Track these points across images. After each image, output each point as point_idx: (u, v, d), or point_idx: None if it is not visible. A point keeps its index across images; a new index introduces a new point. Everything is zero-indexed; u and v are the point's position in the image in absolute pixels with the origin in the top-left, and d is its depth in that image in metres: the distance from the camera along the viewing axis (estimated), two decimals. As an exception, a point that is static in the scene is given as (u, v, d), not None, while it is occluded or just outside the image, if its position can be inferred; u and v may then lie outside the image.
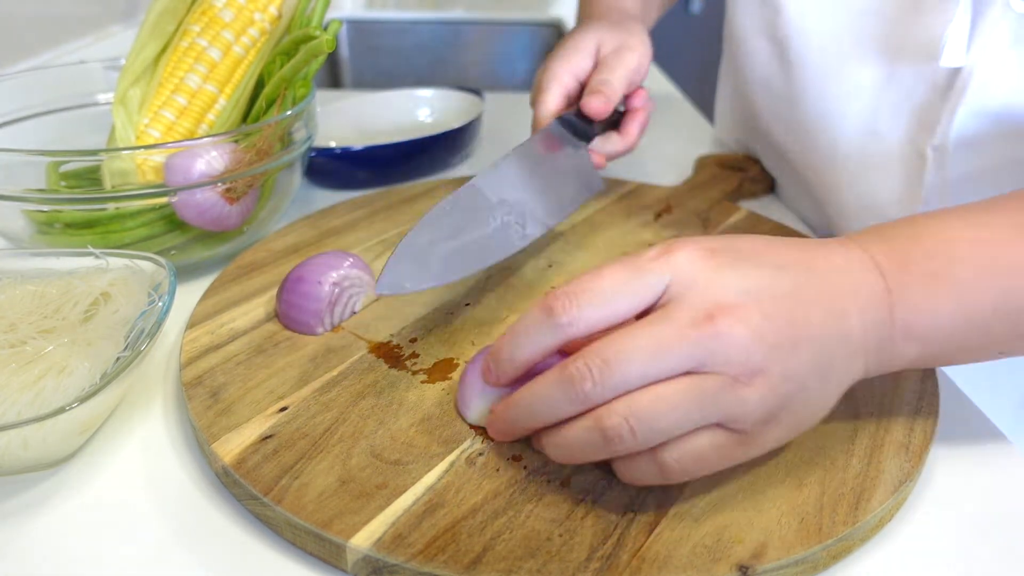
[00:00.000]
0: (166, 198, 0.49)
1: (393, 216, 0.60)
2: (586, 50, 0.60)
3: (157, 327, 0.39)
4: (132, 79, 0.56)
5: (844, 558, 0.33)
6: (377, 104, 0.80)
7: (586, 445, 0.32)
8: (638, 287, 0.33)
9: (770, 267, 0.34)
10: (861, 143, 0.54)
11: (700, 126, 0.89)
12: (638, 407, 0.31)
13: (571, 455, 0.33)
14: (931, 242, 0.35)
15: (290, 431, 0.38)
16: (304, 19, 0.57)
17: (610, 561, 0.31)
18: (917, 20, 0.48)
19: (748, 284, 0.32)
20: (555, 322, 0.33)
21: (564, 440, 0.33)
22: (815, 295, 0.33)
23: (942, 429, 0.40)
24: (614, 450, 0.31)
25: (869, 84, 0.53)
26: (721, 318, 0.31)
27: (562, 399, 0.32)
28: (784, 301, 0.32)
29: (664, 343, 0.31)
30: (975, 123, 0.48)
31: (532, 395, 0.33)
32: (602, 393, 0.31)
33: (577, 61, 0.59)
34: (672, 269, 0.33)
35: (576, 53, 0.59)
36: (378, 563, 0.31)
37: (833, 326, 0.33)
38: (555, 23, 1.50)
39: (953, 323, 0.34)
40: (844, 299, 0.34)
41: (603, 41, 0.60)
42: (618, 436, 0.31)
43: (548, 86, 0.58)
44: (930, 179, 0.50)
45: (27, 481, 0.37)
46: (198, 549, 0.34)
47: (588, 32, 0.61)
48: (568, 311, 0.32)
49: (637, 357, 0.31)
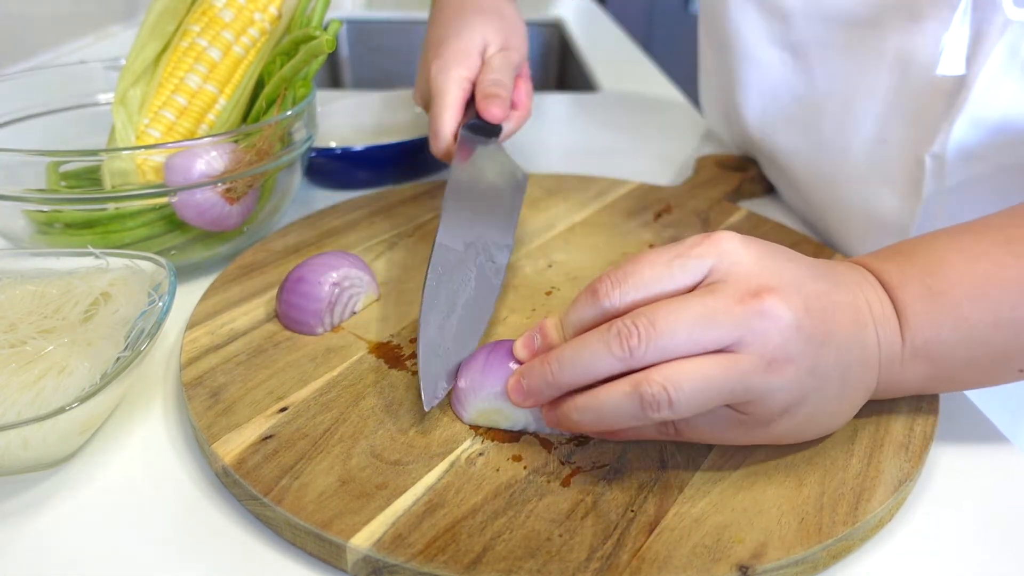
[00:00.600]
0: (166, 198, 0.49)
1: (393, 216, 0.60)
2: (475, 53, 0.58)
3: (157, 327, 0.39)
4: (132, 79, 0.56)
5: (844, 558, 0.33)
6: (377, 104, 0.80)
7: (620, 409, 0.32)
8: (681, 270, 0.34)
9: (805, 266, 0.35)
10: (871, 150, 0.54)
11: (700, 126, 0.89)
12: (678, 377, 0.31)
13: (600, 418, 0.33)
14: (925, 261, 0.37)
15: (290, 431, 0.38)
16: (304, 19, 0.57)
17: (610, 561, 0.31)
18: (919, 28, 0.48)
19: (789, 275, 0.34)
20: (598, 303, 0.34)
21: (597, 402, 0.33)
22: (842, 300, 0.35)
23: (942, 429, 0.40)
24: (648, 417, 0.32)
25: (868, 91, 0.53)
26: (768, 297, 0.32)
27: (605, 353, 0.33)
28: (820, 298, 0.34)
29: (711, 313, 0.32)
30: (973, 133, 0.48)
31: (575, 348, 0.34)
32: (645, 353, 0.32)
33: (469, 65, 0.57)
34: (715, 253, 0.34)
35: (467, 58, 0.57)
36: (378, 563, 0.31)
37: (856, 333, 0.35)
38: (555, 23, 1.50)
39: (956, 337, 0.35)
40: (863, 311, 0.35)
41: (489, 42, 0.59)
42: (656, 403, 0.31)
43: (448, 99, 0.55)
44: (929, 188, 0.50)
45: (27, 481, 0.37)
46: (198, 549, 0.34)
47: (472, 32, 0.59)
48: (611, 294, 0.34)
49: (684, 321, 0.32)
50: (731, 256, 0.34)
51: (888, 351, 0.36)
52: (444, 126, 0.55)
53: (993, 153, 0.48)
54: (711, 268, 0.34)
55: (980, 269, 0.35)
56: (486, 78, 0.56)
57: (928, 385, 0.37)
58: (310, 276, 0.45)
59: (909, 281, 0.36)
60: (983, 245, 0.36)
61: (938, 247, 0.37)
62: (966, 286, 0.35)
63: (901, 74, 0.51)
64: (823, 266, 0.36)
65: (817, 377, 0.33)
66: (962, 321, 0.35)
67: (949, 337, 0.35)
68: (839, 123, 0.56)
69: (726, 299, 0.32)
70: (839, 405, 0.35)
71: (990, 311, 0.35)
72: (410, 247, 0.56)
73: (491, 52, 0.59)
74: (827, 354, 0.33)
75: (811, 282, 0.34)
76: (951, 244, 0.37)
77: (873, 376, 0.36)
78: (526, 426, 0.38)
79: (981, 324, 0.35)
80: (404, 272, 0.52)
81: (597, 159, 0.78)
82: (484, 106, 0.55)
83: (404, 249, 0.55)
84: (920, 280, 0.36)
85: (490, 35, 0.59)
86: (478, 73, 0.58)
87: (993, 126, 0.47)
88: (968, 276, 0.35)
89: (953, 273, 0.36)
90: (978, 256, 0.36)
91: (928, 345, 0.35)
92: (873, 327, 0.35)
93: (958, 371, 0.36)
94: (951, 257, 0.36)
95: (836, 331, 0.34)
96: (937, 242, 0.37)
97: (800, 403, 0.33)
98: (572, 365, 0.34)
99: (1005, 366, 0.36)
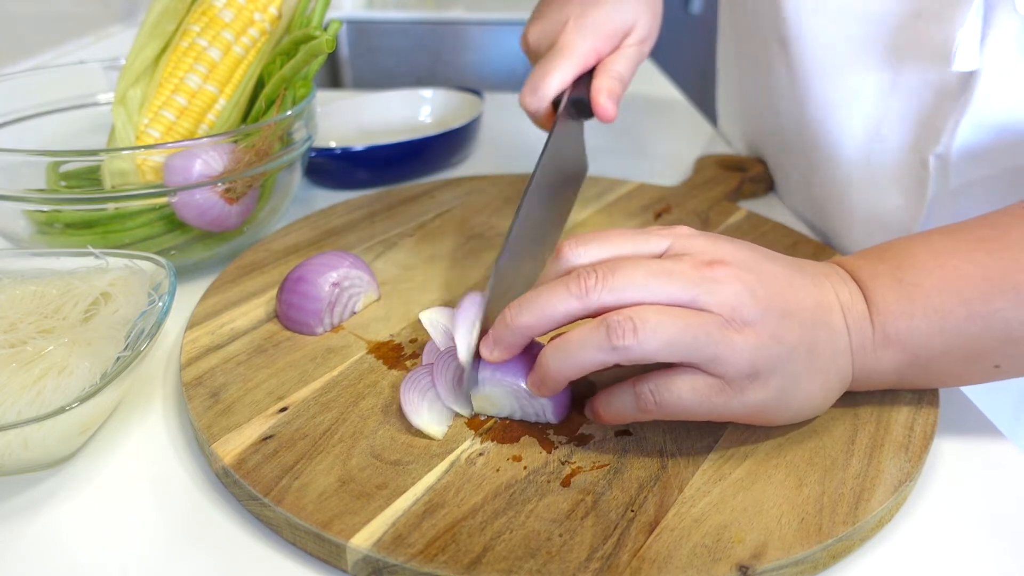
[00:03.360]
0: (166, 198, 0.49)
1: (393, 216, 0.60)
2: (620, 33, 0.53)
3: (157, 327, 0.39)
4: (132, 79, 0.56)
5: (844, 558, 0.33)
6: (377, 104, 0.80)
7: (586, 342, 0.33)
8: (644, 243, 0.36)
9: (763, 253, 0.37)
10: (867, 149, 0.54)
11: (700, 126, 0.89)
12: (644, 313, 0.33)
13: (568, 357, 0.34)
14: (896, 256, 0.38)
15: (290, 431, 0.38)
16: (304, 19, 0.57)
17: (610, 561, 0.31)
18: (923, 26, 0.48)
19: (743, 255, 0.36)
20: (563, 259, 0.36)
21: (566, 340, 0.34)
22: (804, 284, 0.36)
23: (942, 429, 0.40)
24: (613, 347, 0.33)
25: (873, 90, 0.52)
26: (720, 268, 0.34)
27: (564, 292, 0.34)
28: (777, 280, 0.35)
29: (668, 272, 0.34)
30: (978, 133, 0.48)
31: (535, 291, 0.35)
32: (600, 295, 0.33)
33: (608, 43, 0.53)
34: (673, 236, 0.36)
35: (611, 35, 0.53)
36: (378, 563, 0.31)
37: (821, 315, 0.36)
38: (555, 23, 1.49)
39: (928, 326, 0.36)
40: (828, 296, 0.37)
41: (636, 27, 0.54)
42: (621, 331, 0.32)
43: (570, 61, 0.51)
44: (932, 188, 0.50)
45: (27, 481, 0.37)
46: (198, 549, 0.34)
47: (626, 7, 0.53)
48: (575, 250, 0.36)
49: (640, 271, 0.34)
50: (685, 240, 0.36)
51: (859, 337, 0.36)
52: (550, 85, 0.51)
53: (997, 155, 0.48)
54: (669, 246, 0.36)
55: (951, 264, 0.36)
56: (613, 68, 0.52)
57: (906, 375, 0.38)
58: (310, 276, 0.45)
59: (880, 274, 0.37)
60: (954, 243, 0.37)
61: (910, 245, 0.38)
62: (936, 279, 0.36)
63: (896, 71, 0.50)
64: (788, 258, 0.38)
65: (782, 345, 0.34)
66: (933, 311, 0.36)
67: (921, 325, 0.36)
68: (823, 119, 0.56)
69: (683, 265, 0.34)
70: (811, 384, 0.35)
71: (962, 303, 0.35)
72: (410, 247, 0.56)
73: (631, 40, 0.54)
74: (790, 325, 0.34)
75: (768, 263, 0.36)
76: (922, 243, 0.38)
77: (846, 363, 0.36)
78: (512, 413, 0.38)
79: (953, 316, 0.35)
80: (404, 272, 0.52)
81: (597, 159, 0.78)
82: (600, 99, 0.51)
83: (404, 249, 0.55)
84: (890, 273, 0.37)
85: (641, 20, 0.54)
86: (609, 53, 0.53)
87: (998, 126, 0.47)
88: (938, 270, 0.36)
89: (924, 267, 0.37)
90: (949, 252, 0.37)
91: (900, 333, 0.36)
92: (841, 313, 0.36)
93: (934, 360, 0.37)
94: (922, 253, 0.37)
95: (797, 308, 0.35)
96: (909, 242, 0.39)
97: (768, 371, 0.34)
98: (530, 306, 0.35)
99: (981, 360, 0.36)
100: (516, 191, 0.64)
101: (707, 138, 0.85)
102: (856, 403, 0.39)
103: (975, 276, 0.35)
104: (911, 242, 0.38)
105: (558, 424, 0.38)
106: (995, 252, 0.36)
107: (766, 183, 0.69)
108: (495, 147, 0.81)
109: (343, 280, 0.46)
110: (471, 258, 0.54)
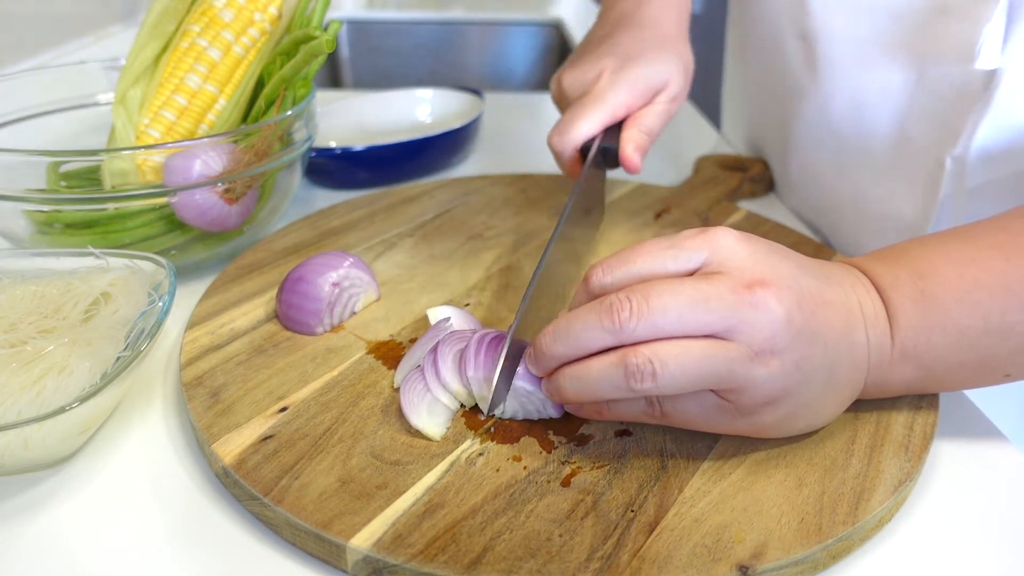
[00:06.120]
0: (166, 198, 0.49)
1: (393, 216, 0.60)
2: (653, 90, 0.54)
3: (157, 327, 0.39)
4: (132, 79, 0.56)
5: (844, 558, 0.33)
6: (377, 104, 0.80)
7: (604, 377, 0.33)
8: (673, 260, 0.35)
9: (799, 263, 0.35)
10: (895, 147, 0.54)
11: (700, 126, 0.89)
12: (665, 353, 0.32)
13: (585, 386, 0.34)
14: (916, 265, 0.37)
15: (290, 431, 0.38)
16: (304, 19, 0.57)
17: (610, 561, 0.31)
18: (950, 22, 0.48)
19: (783, 271, 0.34)
20: (587, 288, 0.35)
21: (585, 370, 0.34)
22: (834, 299, 0.35)
23: (942, 429, 0.40)
24: (631, 389, 0.32)
25: (900, 87, 0.52)
26: (761, 290, 0.32)
27: (596, 326, 0.33)
28: (813, 296, 0.34)
29: (704, 298, 0.32)
30: (997, 134, 0.47)
31: (569, 320, 0.35)
32: (635, 328, 0.32)
33: (640, 98, 0.54)
34: (710, 247, 0.34)
35: (645, 91, 0.53)
36: (378, 563, 0.31)
37: (845, 334, 0.35)
38: (555, 23, 1.50)
39: (945, 341, 0.36)
40: (854, 311, 0.36)
41: (671, 83, 0.55)
42: (640, 374, 0.32)
43: (603, 109, 0.52)
44: (946, 189, 0.50)
45: (27, 481, 0.37)
46: (198, 549, 0.34)
47: (662, 67, 0.54)
48: (602, 281, 0.35)
49: (677, 302, 0.32)
50: (726, 251, 0.34)
51: (877, 353, 0.36)
52: (580, 129, 0.52)
53: (1014, 157, 0.48)
54: (705, 260, 0.34)
55: (970, 275, 0.35)
56: (644, 123, 0.53)
57: (915, 386, 0.37)
58: (310, 276, 0.45)
59: (900, 284, 0.36)
60: (973, 250, 0.36)
61: (929, 251, 0.37)
62: (956, 290, 0.35)
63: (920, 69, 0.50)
64: (817, 265, 0.37)
65: (803, 372, 0.33)
66: (951, 326, 0.35)
67: (939, 341, 0.35)
68: (850, 117, 0.56)
69: (720, 287, 0.33)
70: (824, 402, 0.35)
71: (980, 316, 0.35)
72: (410, 247, 0.56)
73: (663, 97, 0.55)
74: (815, 351, 0.34)
75: (805, 279, 0.35)
76: (941, 248, 0.37)
77: (861, 376, 0.36)
78: (514, 414, 0.38)
79: (971, 330, 0.35)
80: (404, 272, 0.52)
81: (597, 159, 0.78)
82: (628, 150, 0.52)
83: (404, 249, 0.55)
84: (912, 283, 0.36)
85: (675, 79, 0.55)
86: (640, 108, 0.54)
87: (1018, 127, 0.47)
88: (958, 281, 0.36)
89: (943, 277, 0.36)
90: (968, 261, 0.36)
91: (918, 349, 0.36)
92: (864, 328, 0.36)
93: (945, 374, 0.37)
94: (941, 261, 0.36)
95: (826, 330, 0.34)
96: (928, 246, 0.38)
97: (784, 396, 0.34)
98: (565, 337, 0.34)
99: (992, 370, 0.36)
100: (516, 191, 0.65)
101: (707, 138, 0.85)
102: (856, 403, 0.39)
103: (994, 287, 0.35)
104: (926, 247, 0.38)
105: (560, 419, 0.38)
106: (1013, 259, 0.35)
107: (766, 183, 0.69)
108: (495, 147, 0.81)
109: (343, 280, 0.46)
110: (471, 258, 0.54)
